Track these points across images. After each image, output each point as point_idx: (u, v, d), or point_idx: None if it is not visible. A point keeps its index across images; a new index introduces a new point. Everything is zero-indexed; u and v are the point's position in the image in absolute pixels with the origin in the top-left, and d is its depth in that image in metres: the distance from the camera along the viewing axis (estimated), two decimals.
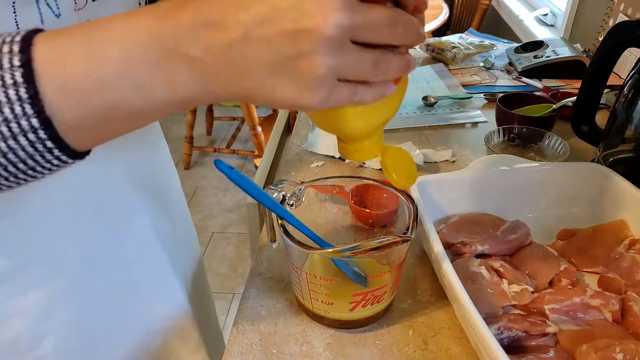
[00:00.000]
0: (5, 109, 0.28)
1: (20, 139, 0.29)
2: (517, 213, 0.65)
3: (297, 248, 0.47)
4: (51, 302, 0.52)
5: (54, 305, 0.52)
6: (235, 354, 0.50)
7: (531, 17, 1.91)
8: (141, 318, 0.61)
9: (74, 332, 0.55)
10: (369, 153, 0.42)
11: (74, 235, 0.52)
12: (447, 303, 0.55)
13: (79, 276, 0.54)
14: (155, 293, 0.63)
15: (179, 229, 0.70)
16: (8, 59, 0.28)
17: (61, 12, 0.41)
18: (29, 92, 0.28)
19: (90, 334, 0.56)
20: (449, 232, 0.61)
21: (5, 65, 0.28)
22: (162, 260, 0.63)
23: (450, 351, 0.50)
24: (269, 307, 0.55)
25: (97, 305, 0.56)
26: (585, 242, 0.61)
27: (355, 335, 0.52)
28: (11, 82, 0.28)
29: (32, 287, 0.51)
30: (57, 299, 0.53)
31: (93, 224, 0.54)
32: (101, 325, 0.57)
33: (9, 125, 0.29)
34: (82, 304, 0.55)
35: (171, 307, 0.65)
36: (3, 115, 0.28)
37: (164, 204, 0.66)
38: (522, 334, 0.49)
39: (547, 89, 1.03)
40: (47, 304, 0.52)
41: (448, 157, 0.82)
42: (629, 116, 0.67)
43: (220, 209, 2.37)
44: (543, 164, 0.69)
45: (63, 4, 0.41)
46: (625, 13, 1.16)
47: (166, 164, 0.68)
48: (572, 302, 0.52)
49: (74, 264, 0.53)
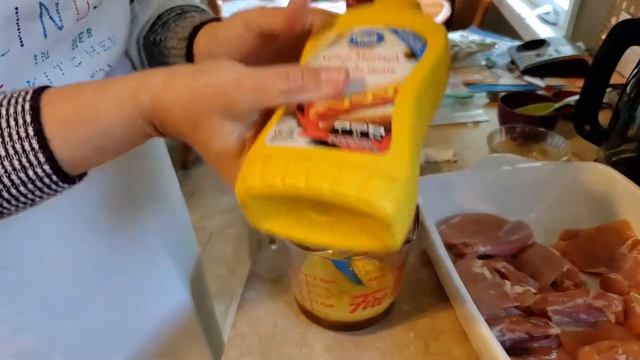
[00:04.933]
0: (22, 158, 0.34)
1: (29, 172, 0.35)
2: (519, 213, 0.64)
3: (296, 249, 0.47)
4: (59, 314, 0.53)
5: (62, 317, 0.53)
6: (234, 356, 0.50)
7: (533, 15, 1.91)
8: (148, 322, 0.62)
9: (83, 341, 0.55)
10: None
11: (80, 247, 0.53)
12: (448, 305, 0.54)
13: (86, 287, 0.54)
14: (161, 297, 0.64)
15: (180, 231, 0.70)
16: (24, 130, 0.34)
17: (63, 24, 0.41)
18: (39, 143, 0.34)
19: (98, 342, 0.57)
20: (450, 233, 0.61)
21: (21, 134, 0.34)
22: (166, 264, 0.64)
23: (452, 353, 0.49)
24: (268, 309, 0.55)
25: (105, 314, 0.57)
26: (588, 242, 0.61)
27: (355, 337, 0.52)
28: (29, 148, 0.34)
29: (39, 301, 0.51)
30: (65, 310, 0.53)
31: (99, 235, 0.54)
32: (109, 332, 0.58)
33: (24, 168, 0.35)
34: (90, 314, 0.55)
35: (176, 309, 0.65)
36: (21, 163, 0.34)
37: (166, 209, 0.66)
38: (524, 335, 0.48)
39: (550, 88, 1.03)
40: (54, 316, 0.52)
41: (449, 156, 0.82)
42: (632, 115, 0.67)
43: (219, 209, 2.37)
44: (545, 164, 0.68)
45: (65, 16, 0.41)
46: (628, 11, 1.15)
47: (167, 168, 0.69)
48: (575, 303, 0.51)
49: (82, 275, 0.53)
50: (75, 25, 0.43)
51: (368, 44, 0.38)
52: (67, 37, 0.43)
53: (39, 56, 0.41)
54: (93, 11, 0.44)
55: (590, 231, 0.62)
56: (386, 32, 0.39)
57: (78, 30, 0.44)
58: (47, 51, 0.42)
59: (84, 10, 0.43)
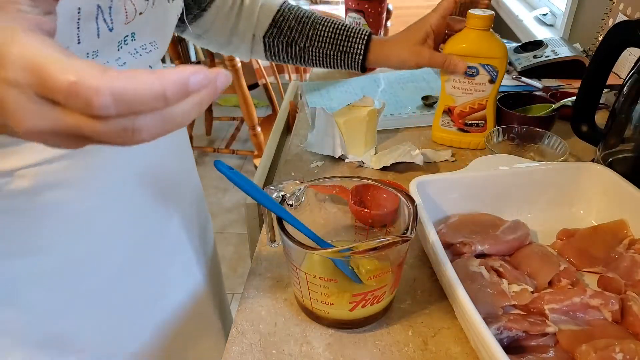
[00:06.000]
0: None
1: None
2: (516, 213, 0.65)
3: (296, 248, 0.47)
4: (87, 301, 0.56)
5: (90, 304, 0.56)
6: (235, 354, 0.50)
7: (530, 17, 1.91)
8: (169, 308, 0.66)
9: (109, 327, 0.59)
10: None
11: (116, 236, 0.56)
12: (446, 303, 0.55)
13: (114, 276, 0.57)
14: (181, 285, 0.68)
15: (200, 222, 0.74)
16: None
17: (114, 26, 0.46)
18: None
19: (122, 327, 0.60)
20: (448, 232, 0.61)
21: None
22: (189, 256, 0.68)
23: (450, 351, 0.50)
24: (268, 308, 0.55)
25: (130, 301, 0.60)
26: (585, 242, 0.61)
27: (354, 335, 0.52)
28: None
29: (68, 287, 0.54)
30: (97, 297, 0.56)
31: (133, 227, 0.58)
32: (132, 318, 0.61)
33: None
34: (116, 302, 0.59)
35: (194, 296, 0.69)
36: None
37: (190, 200, 0.71)
38: (521, 334, 0.49)
39: (547, 89, 1.03)
40: (83, 303, 0.56)
41: (448, 157, 0.82)
42: (629, 116, 0.67)
43: (220, 209, 2.37)
44: (543, 164, 0.69)
45: (116, 19, 0.46)
46: (625, 13, 1.16)
47: (190, 159, 0.73)
48: (572, 302, 0.52)
49: (110, 264, 0.57)
50: (123, 28, 0.48)
51: (472, 76, 0.79)
52: (115, 38, 0.48)
53: (90, 54, 0.45)
54: (139, 17, 0.49)
55: (587, 230, 0.63)
56: (480, 67, 0.78)
57: (124, 33, 0.49)
58: (97, 50, 0.46)
59: (132, 15, 0.48)
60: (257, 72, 2.06)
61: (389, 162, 0.78)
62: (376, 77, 1.13)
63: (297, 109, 1.07)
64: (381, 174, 0.78)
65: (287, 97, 1.19)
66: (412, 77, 1.12)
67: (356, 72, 0.81)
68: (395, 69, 0.82)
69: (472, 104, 0.81)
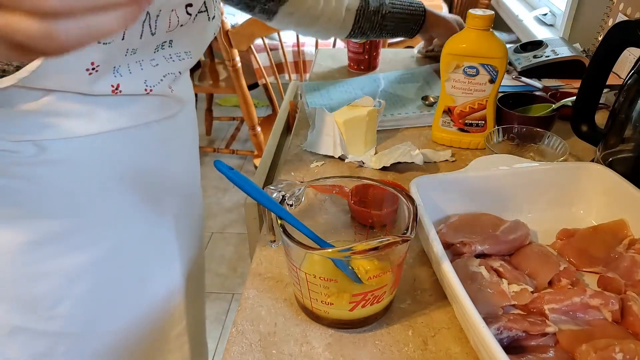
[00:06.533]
0: None
1: None
2: (516, 213, 0.65)
3: (296, 248, 0.47)
4: (80, 268, 0.58)
5: (81, 273, 0.59)
6: (235, 354, 0.50)
7: (530, 17, 1.91)
8: (144, 301, 0.67)
9: (89, 301, 0.60)
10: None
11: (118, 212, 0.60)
12: (446, 303, 0.55)
13: (110, 252, 0.60)
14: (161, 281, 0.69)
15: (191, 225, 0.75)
16: None
17: (156, 31, 0.51)
18: None
19: (100, 306, 0.62)
20: (448, 232, 0.61)
21: None
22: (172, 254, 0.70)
23: (450, 351, 0.50)
24: (268, 307, 0.55)
25: (114, 282, 0.62)
26: (585, 242, 0.61)
27: (354, 335, 0.52)
28: None
29: (71, 252, 0.57)
30: (87, 267, 0.59)
31: (134, 212, 0.61)
32: (111, 300, 0.63)
33: None
34: (104, 277, 0.61)
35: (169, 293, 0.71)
36: None
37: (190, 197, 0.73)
38: (521, 334, 0.49)
39: (547, 89, 1.03)
40: (76, 270, 0.58)
41: (448, 157, 0.82)
42: (629, 116, 0.67)
43: (220, 209, 2.37)
44: (543, 164, 0.69)
45: (160, 26, 0.51)
46: (625, 13, 1.16)
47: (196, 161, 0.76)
48: (572, 302, 0.52)
49: (110, 239, 0.60)
50: (163, 35, 0.52)
51: (472, 75, 0.79)
52: (154, 42, 0.53)
53: (129, 50, 0.50)
54: (179, 27, 0.54)
55: (587, 230, 0.63)
56: (480, 67, 0.78)
57: (164, 39, 0.54)
58: (136, 48, 0.51)
59: (174, 25, 0.52)
60: (257, 72, 2.05)
61: (389, 162, 0.78)
62: (376, 77, 1.13)
63: (297, 109, 1.07)
64: (381, 174, 0.78)
65: (287, 97, 1.19)
66: (412, 77, 1.12)
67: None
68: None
69: (472, 103, 0.81)
